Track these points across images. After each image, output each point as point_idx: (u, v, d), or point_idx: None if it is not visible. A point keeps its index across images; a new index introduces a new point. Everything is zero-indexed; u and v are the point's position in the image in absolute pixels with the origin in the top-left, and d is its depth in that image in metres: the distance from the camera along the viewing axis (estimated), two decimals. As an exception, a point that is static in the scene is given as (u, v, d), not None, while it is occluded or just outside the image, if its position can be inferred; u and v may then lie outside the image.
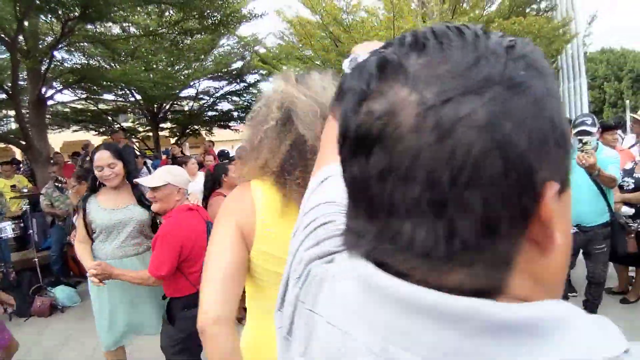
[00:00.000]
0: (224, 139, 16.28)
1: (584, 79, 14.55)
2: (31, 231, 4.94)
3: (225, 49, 12.59)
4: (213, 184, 3.52)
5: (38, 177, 6.40)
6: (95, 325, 2.48)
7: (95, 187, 2.49)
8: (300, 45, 13.16)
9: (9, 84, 6.48)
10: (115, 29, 8.65)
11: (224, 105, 14.94)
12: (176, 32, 7.33)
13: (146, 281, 2.15)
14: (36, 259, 4.67)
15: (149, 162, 7.81)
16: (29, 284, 4.52)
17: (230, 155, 6.35)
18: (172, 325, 2.20)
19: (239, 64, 13.23)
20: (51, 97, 7.87)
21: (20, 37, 6.14)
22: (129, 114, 13.98)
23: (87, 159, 7.85)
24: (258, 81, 14.79)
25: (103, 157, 2.40)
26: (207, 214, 2.47)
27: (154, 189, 2.22)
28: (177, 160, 5.81)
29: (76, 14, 5.89)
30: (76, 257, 5.09)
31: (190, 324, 2.20)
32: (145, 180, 2.26)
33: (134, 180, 2.41)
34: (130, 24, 8.16)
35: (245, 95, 14.95)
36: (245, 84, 14.45)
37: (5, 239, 4.82)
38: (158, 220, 2.58)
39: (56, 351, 3.49)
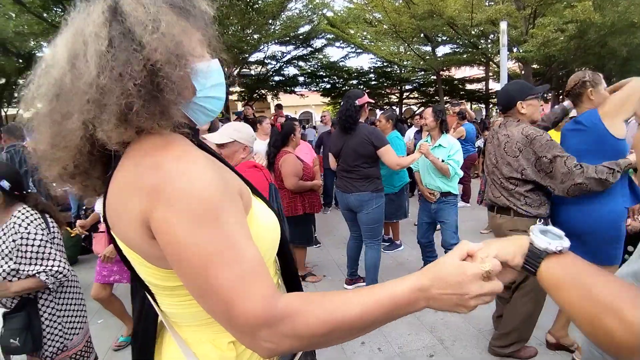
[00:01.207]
0: (288, 104, 16.49)
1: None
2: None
3: (293, 12, 12.51)
4: (282, 143, 3.65)
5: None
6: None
7: None
8: (370, 7, 12.69)
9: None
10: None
11: (290, 70, 15.06)
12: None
13: None
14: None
15: (221, 124, 8.21)
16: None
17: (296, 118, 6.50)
18: None
19: (306, 28, 13.13)
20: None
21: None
22: (201, 78, 14.63)
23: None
24: (324, 46, 14.65)
25: None
26: (270, 176, 2.48)
27: (220, 145, 2.30)
28: (250, 120, 5.99)
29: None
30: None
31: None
32: (212, 137, 2.30)
33: (201, 136, 2.49)
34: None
35: (311, 60, 14.92)
36: (312, 49, 14.38)
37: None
38: None
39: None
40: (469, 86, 17.35)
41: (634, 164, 2.00)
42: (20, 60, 10.28)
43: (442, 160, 3.33)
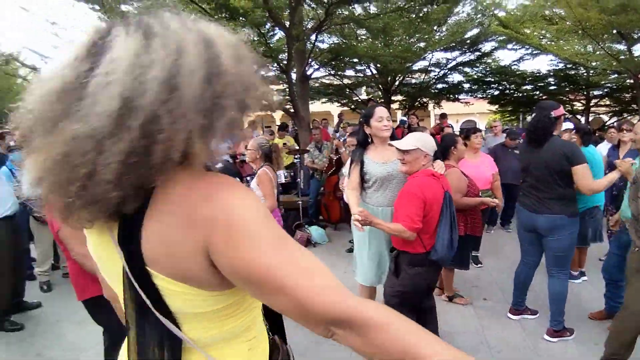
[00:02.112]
0: (449, 112, 16.00)
1: None
2: (298, 180, 6.34)
3: (460, 16, 12.12)
4: (442, 156, 3.40)
5: (300, 138, 8.02)
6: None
7: (365, 143, 2.86)
8: (550, 3, 11.38)
9: (284, 63, 8.20)
10: (358, 9, 9.57)
11: (455, 77, 14.58)
12: (421, 3, 7.66)
13: (401, 233, 2.35)
14: (300, 202, 5.99)
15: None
16: (293, 220, 5.89)
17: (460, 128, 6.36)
18: (396, 278, 2.50)
19: (474, 32, 12.54)
20: (310, 75, 9.51)
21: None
22: (365, 88, 15.39)
23: (342, 125, 9.32)
24: (494, 49, 13.71)
25: (384, 111, 2.83)
26: (448, 184, 2.60)
27: (404, 151, 2.54)
28: (412, 129, 6.22)
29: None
30: (328, 205, 6.21)
31: (412, 281, 2.47)
32: (399, 143, 2.56)
33: (389, 142, 2.71)
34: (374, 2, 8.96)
35: (478, 65, 14.16)
36: (480, 53, 13.65)
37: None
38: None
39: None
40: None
41: None
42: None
43: None
